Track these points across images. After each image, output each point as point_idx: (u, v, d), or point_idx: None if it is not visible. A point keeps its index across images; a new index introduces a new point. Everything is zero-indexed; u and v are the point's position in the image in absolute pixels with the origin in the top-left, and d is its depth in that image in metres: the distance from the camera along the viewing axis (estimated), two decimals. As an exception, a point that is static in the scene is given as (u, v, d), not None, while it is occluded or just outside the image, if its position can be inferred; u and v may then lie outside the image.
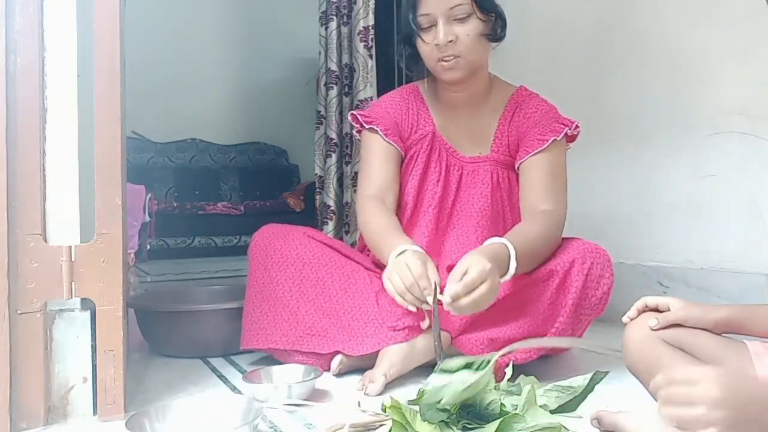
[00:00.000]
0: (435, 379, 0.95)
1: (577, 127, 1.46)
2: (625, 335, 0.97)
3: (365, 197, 1.48)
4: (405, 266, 1.20)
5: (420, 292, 1.18)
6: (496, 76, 1.57)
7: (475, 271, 1.14)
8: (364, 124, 1.53)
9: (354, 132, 1.65)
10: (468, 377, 0.93)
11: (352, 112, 1.59)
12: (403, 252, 1.26)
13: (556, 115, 1.48)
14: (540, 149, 1.42)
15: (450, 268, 1.45)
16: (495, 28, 1.43)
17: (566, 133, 1.44)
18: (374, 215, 1.43)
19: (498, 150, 1.51)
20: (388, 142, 1.51)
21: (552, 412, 1.04)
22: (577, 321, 1.34)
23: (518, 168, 1.47)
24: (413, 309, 1.22)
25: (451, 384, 0.93)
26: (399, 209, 1.53)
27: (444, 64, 1.40)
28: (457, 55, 1.39)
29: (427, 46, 1.41)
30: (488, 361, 0.95)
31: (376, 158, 1.51)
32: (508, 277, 1.24)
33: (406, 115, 1.55)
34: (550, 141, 1.42)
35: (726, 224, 1.80)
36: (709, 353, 0.90)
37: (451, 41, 1.37)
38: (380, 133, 1.51)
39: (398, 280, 1.20)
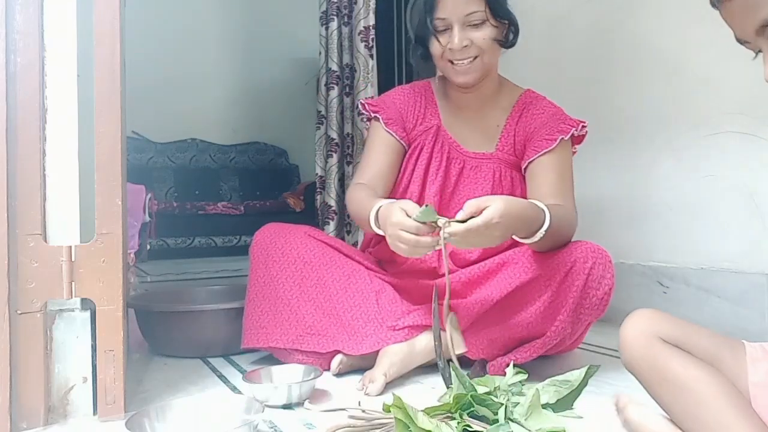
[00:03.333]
0: None
1: (584, 126, 1.48)
2: (621, 334, 0.96)
3: (355, 184, 1.51)
4: (395, 230, 1.15)
5: (423, 240, 1.14)
6: (505, 78, 1.60)
7: (486, 216, 1.10)
8: (371, 113, 1.58)
9: (365, 121, 1.69)
10: None
11: (361, 100, 1.64)
12: (378, 211, 1.26)
13: (563, 116, 1.50)
14: (548, 149, 1.44)
15: (453, 254, 1.49)
16: (507, 34, 1.48)
17: (573, 134, 1.46)
18: (358, 196, 1.43)
19: (503, 149, 1.52)
20: (387, 131, 1.54)
21: (552, 406, 1.05)
22: (576, 321, 1.34)
23: (525, 169, 1.48)
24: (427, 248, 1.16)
25: None
26: (404, 196, 1.54)
27: (457, 68, 1.44)
28: (474, 56, 1.42)
29: (440, 49, 1.44)
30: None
31: (375, 147, 1.55)
32: (538, 236, 1.23)
33: (413, 107, 1.59)
34: (558, 141, 1.44)
35: (726, 224, 1.80)
36: (707, 351, 0.89)
37: (466, 46, 1.41)
38: (381, 121, 1.54)
39: (403, 248, 1.15)
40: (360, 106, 1.64)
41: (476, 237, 1.12)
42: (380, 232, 1.29)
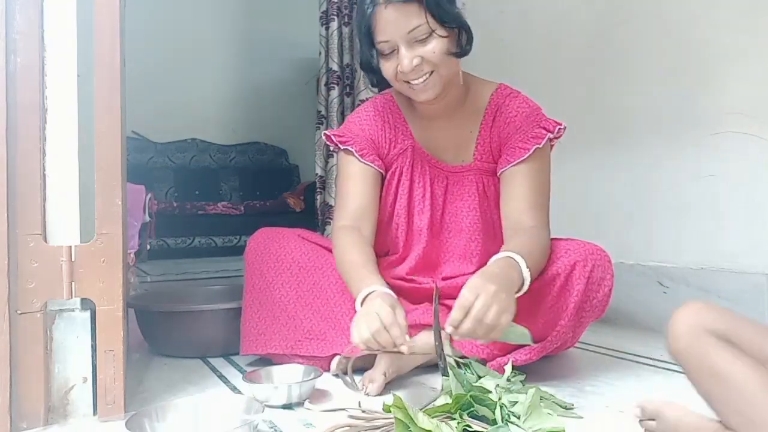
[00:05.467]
0: None
1: (560, 129, 1.39)
2: (670, 325, 0.92)
3: (340, 228, 1.42)
4: (375, 315, 1.11)
5: (386, 338, 1.10)
6: (471, 76, 1.48)
7: (467, 291, 1.08)
8: (339, 145, 1.48)
9: (332, 152, 1.62)
10: None
11: (325, 132, 1.54)
12: (369, 294, 1.20)
13: (538, 117, 1.41)
14: (522, 159, 1.37)
15: (446, 279, 1.45)
16: (459, 42, 1.34)
17: (549, 138, 1.38)
18: (347, 249, 1.36)
19: (481, 158, 1.46)
20: (364, 163, 1.45)
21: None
22: (578, 323, 1.34)
23: (499, 175, 1.42)
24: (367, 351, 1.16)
25: None
26: (392, 232, 1.49)
27: (414, 87, 1.33)
28: (429, 72, 1.31)
29: (393, 71, 1.33)
30: None
31: (353, 182, 1.45)
32: (525, 287, 1.20)
33: (383, 130, 1.49)
34: (532, 150, 1.36)
35: (726, 224, 1.80)
36: (754, 345, 0.87)
37: (417, 65, 1.29)
38: (355, 154, 1.45)
39: (365, 329, 1.11)
40: (325, 138, 1.51)
41: (486, 311, 1.07)
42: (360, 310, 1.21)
